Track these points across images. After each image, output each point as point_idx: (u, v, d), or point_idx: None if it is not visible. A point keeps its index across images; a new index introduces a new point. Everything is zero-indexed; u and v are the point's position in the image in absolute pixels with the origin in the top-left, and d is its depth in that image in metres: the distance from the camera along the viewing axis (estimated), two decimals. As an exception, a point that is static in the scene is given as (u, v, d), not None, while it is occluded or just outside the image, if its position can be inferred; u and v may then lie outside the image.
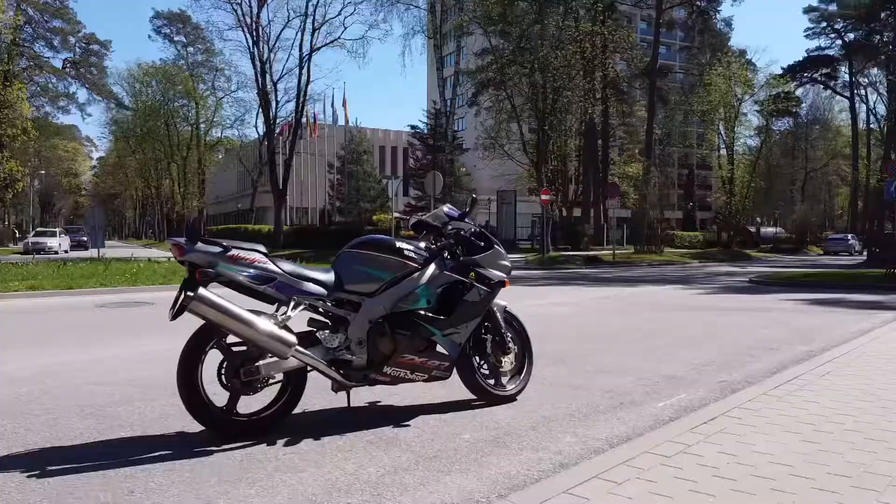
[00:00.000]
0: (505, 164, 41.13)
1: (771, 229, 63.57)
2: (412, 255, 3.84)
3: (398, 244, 3.84)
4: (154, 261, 20.08)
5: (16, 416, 3.90)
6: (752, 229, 57.60)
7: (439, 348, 3.87)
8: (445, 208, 4.12)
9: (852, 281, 15.71)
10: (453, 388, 4.34)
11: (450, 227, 4.05)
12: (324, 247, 34.85)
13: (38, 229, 43.40)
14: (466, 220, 4.11)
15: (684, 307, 10.26)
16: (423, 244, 4.01)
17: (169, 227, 70.13)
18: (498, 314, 4.17)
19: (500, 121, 36.76)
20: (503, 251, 4.18)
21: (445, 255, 4.03)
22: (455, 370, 4.00)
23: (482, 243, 4.10)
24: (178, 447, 3.28)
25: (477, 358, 4.12)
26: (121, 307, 10.22)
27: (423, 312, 3.79)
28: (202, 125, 62.67)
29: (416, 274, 3.81)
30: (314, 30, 38.19)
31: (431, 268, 3.87)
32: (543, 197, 27.67)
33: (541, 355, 5.74)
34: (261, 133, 48.07)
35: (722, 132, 46.61)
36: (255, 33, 38.10)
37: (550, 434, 3.51)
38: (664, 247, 36.64)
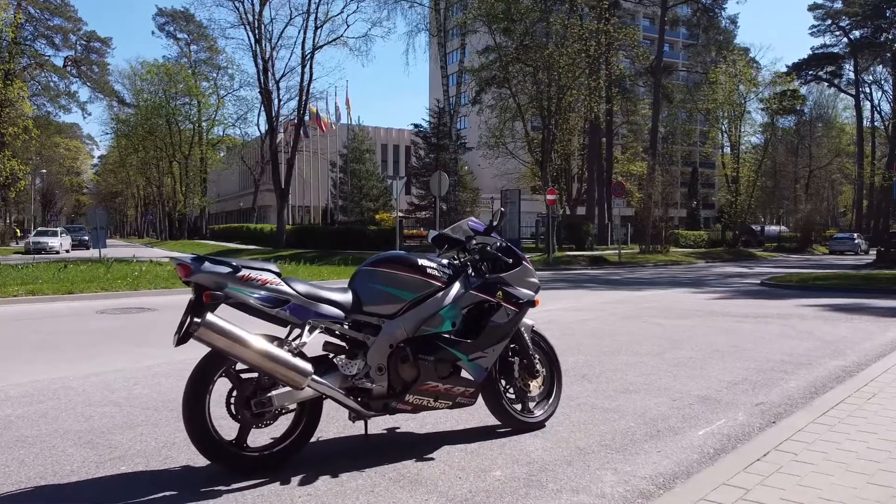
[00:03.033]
0: (508, 162, 40.77)
1: (774, 228, 63.23)
2: (435, 272, 3.56)
3: (420, 261, 3.56)
4: (156, 262, 19.84)
5: (10, 445, 3.63)
6: (756, 228, 57.26)
7: (464, 373, 3.59)
8: (470, 222, 3.84)
9: (867, 284, 15.40)
10: (476, 411, 4.07)
11: (474, 242, 3.78)
12: (326, 246, 34.60)
13: (38, 229, 43.15)
14: (493, 234, 3.83)
15: (700, 313, 9.98)
16: (444, 260, 3.73)
17: (171, 226, 69.94)
18: (525, 335, 3.90)
19: (503, 119, 36.45)
20: (531, 268, 3.89)
21: (470, 272, 3.75)
22: (480, 396, 3.73)
23: (510, 259, 3.81)
24: (185, 486, 3.01)
25: (503, 382, 3.84)
26: (123, 313, 9.95)
27: (447, 336, 3.51)
28: (204, 123, 62.44)
29: (440, 293, 3.53)
30: (316, 28, 37.94)
31: (456, 286, 3.59)
32: (549, 197, 27.35)
33: (563, 369, 5.48)
34: (263, 131, 47.78)
35: (725, 130, 46.33)
36: (257, 31, 37.81)
37: (588, 470, 3.23)
38: (669, 246, 36.35)
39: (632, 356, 6.39)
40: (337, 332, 3.40)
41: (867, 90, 63.28)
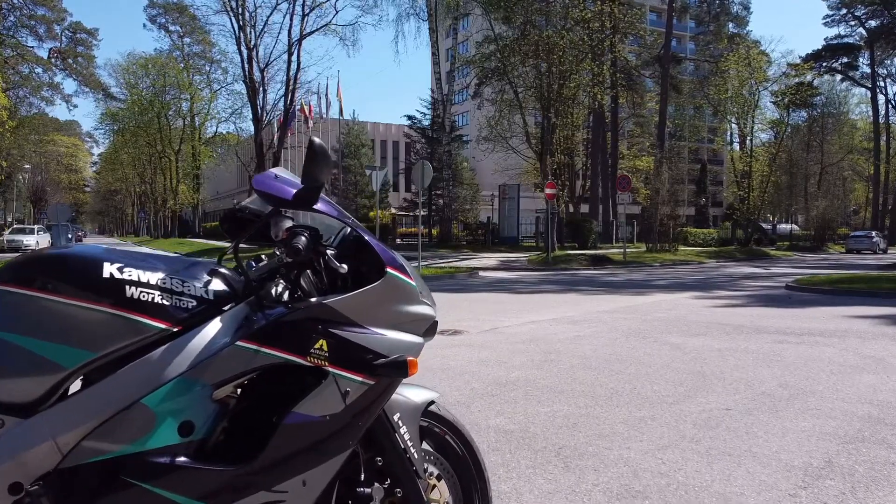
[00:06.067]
0: (509, 158, 38.77)
1: (785, 226, 60.96)
2: (154, 296, 1.46)
3: (111, 269, 1.45)
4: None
5: None
6: (767, 226, 55.03)
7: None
8: (274, 175, 1.71)
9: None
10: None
11: (283, 224, 1.66)
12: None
13: (14, 226, 41.57)
14: (321, 203, 1.70)
15: (726, 328, 7.86)
16: (203, 273, 1.61)
17: (164, 224, 67.97)
18: (403, 429, 1.77)
19: (501, 109, 34.32)
20: (413, 282, 1.75)
21: (277, 288, 1.64)
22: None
23: (344, 268, 1.65)
24: None
25: (349, 540, 1.74)
26: None
27: (164, 460, 1.40)
28: (196, 118, 60.42)
29: (163, 349, 1.42)
30: (304, 15, 35.87)
31: (211, 329, 1.47)
32: (547, 191, 25.16)
33: (529, 433, 3.33)
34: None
35: (734, 124, 44.13)
36: (240, 17, 35.78)
37: None
38: (678, 245, 34.23)
39: (638, 405, 4.28)
40: None
41: (882, 84, 60.89)
